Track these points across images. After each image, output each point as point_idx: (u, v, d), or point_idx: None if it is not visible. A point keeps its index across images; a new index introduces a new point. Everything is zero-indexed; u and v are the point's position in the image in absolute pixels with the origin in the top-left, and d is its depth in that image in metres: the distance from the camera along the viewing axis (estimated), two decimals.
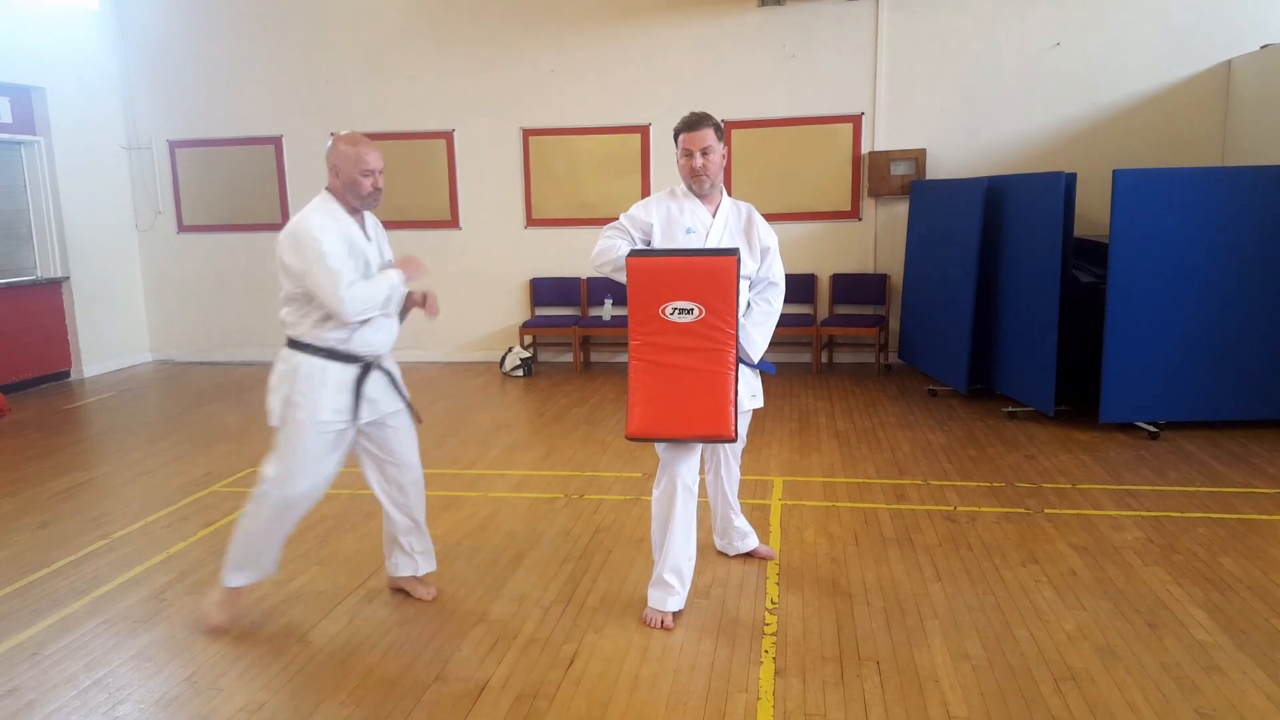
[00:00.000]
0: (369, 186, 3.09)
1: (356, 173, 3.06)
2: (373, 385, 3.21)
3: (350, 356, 3.13)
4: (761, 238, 3.34)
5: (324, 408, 3.10)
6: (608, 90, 8.08)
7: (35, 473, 5.29)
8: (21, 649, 3.16)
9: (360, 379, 3.16)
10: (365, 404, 3.19)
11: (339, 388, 3.12)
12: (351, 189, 3.09)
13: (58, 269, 8.13)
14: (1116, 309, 5.36)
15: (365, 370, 3.17)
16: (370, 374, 3.19)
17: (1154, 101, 7.27)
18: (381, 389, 3.25)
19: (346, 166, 3.06)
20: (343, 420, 3.14)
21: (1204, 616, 3.17)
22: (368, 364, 3.18)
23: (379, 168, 3.10)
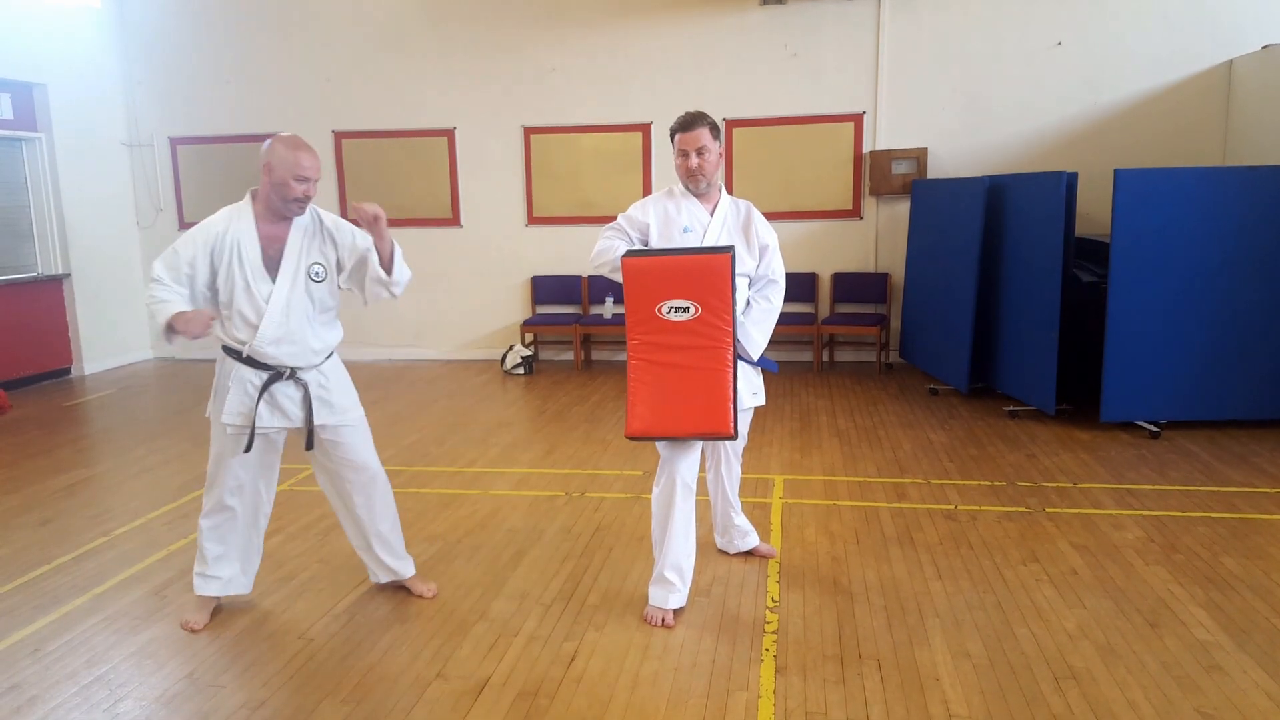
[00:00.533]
0: (299, 192, 3.01)
1: (290, 176, 2.98)
2: (282, 394, 3.13)
3: (255, 363, 3.10)
4: (760, 235, 3.33)
5: (227, 409, 3.11)
6: (609, 88, 8.08)
7: (36, 469, 5.29)
8: (23, 645, 3.16)
9: (266, 386, 3.11)
10: (275, 413, 3.13)
11: (243, 390, 3.10)
12: (280, 191, 3.01)
13: (59, 266, 8.13)
14: (1118, 308, 5.36)
15: (274, 378, 3.11)
16: (279, 383, 3.12)
17: (1155, 101, 7.27)
18: (294, 401, 3.15)
19: (282, 168, 2.98)
20: (242, 422, 3.10)
21: (1205, 616, 3.16)
22: (278, 373, 3.12)
23: (315, 176, 3.02)
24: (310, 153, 3.03)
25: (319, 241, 3.17)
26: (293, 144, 3.02)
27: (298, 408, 3.16)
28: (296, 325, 3.10)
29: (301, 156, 3.00)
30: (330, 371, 3.24)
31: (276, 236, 3.10)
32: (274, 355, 3.09)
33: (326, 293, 3.18)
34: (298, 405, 3.15)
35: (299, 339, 3.11)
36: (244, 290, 3.05)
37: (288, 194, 3.01)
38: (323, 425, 3.20)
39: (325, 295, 3.18)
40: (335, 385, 3.25)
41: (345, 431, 3.25)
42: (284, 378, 3.13)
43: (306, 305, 3.12)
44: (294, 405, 3.15)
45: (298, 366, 3.14)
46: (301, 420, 3.16)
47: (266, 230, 3.09)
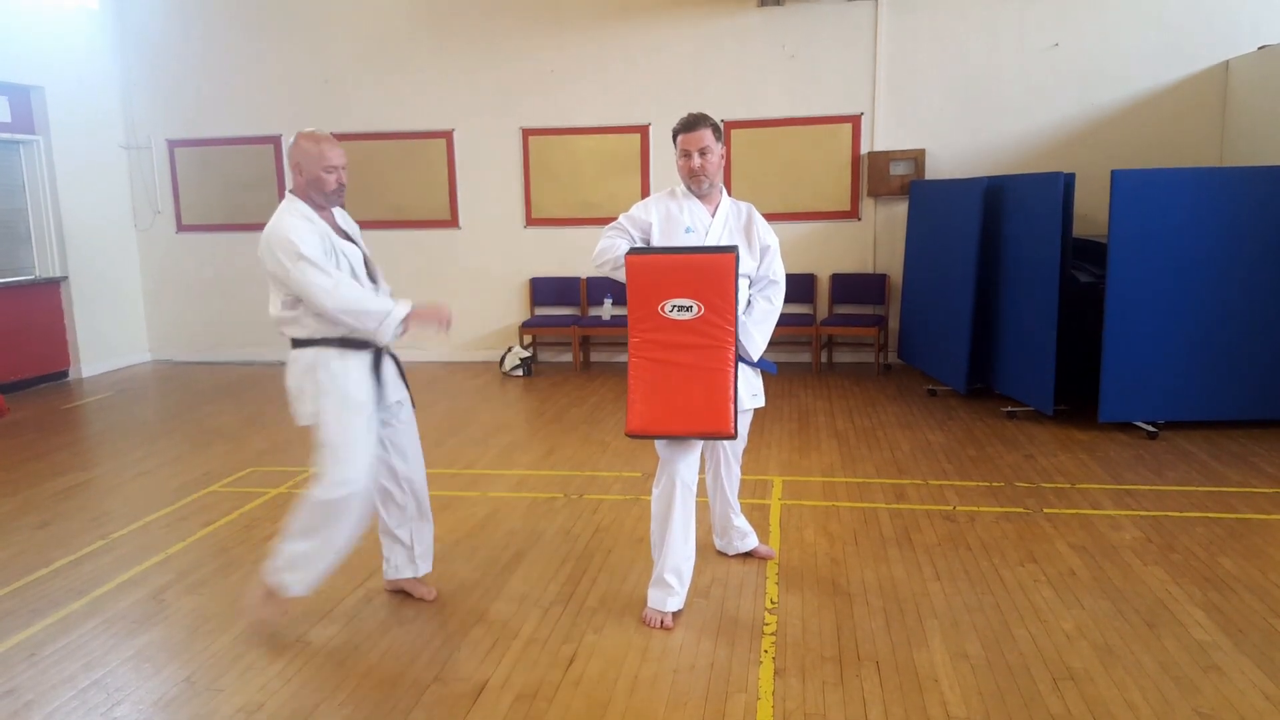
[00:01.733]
0: (333, 183, 3.08)
1: (320, 169, 3.06)
2: (387, 370, 3.23)
3: (361, 344, 3.13)
4: (761, 236, 3.34)
5: (352, 392, 3.09)
6: (608, 90, 8.08)
7: (34, 472, 5.29)
8: (20, 649, 3.16)
9: (376, 364, 3.18)
10: (386, 388, 3.21)
11: (362, 373, 3.13)
12: (315, 186, 3.08)
13: (56, 268, 8.13)
14: (1115, 309, 5.37)
15: (378, 356, 3.19)
16: (383, 359, 3.22)
17: (1152, 102, 7.28)
18: (394, 375, 3.27)
19: (310, 164, 3.06)
20: (370, 400, 3.14)
21: (1203, 616, 3.17)
22: (379, 350, 3.19)
23: (342, 164, 3.10)
24: (332, 143, 3.11)
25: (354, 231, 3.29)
26: (314, 138, 3.09)
27: (397, 381, 3.27)
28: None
29: (325, 149, 3.08)
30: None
31: (331, 222, 3.18)
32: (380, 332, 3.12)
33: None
34: (394, 378, 3.26)
35: None
36: (350, 273, 3.10)
37: (324, 187, 3.09)
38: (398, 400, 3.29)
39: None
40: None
41: (404, 407, 3.35)
42: (385, 354, 3.22)
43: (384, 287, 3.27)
44: (393, 379, 3.25)
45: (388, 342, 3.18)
46: (398, 391, 3.27)
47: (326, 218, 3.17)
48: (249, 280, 8.70)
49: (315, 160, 3.06)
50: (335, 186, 3.09)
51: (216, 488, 4.90)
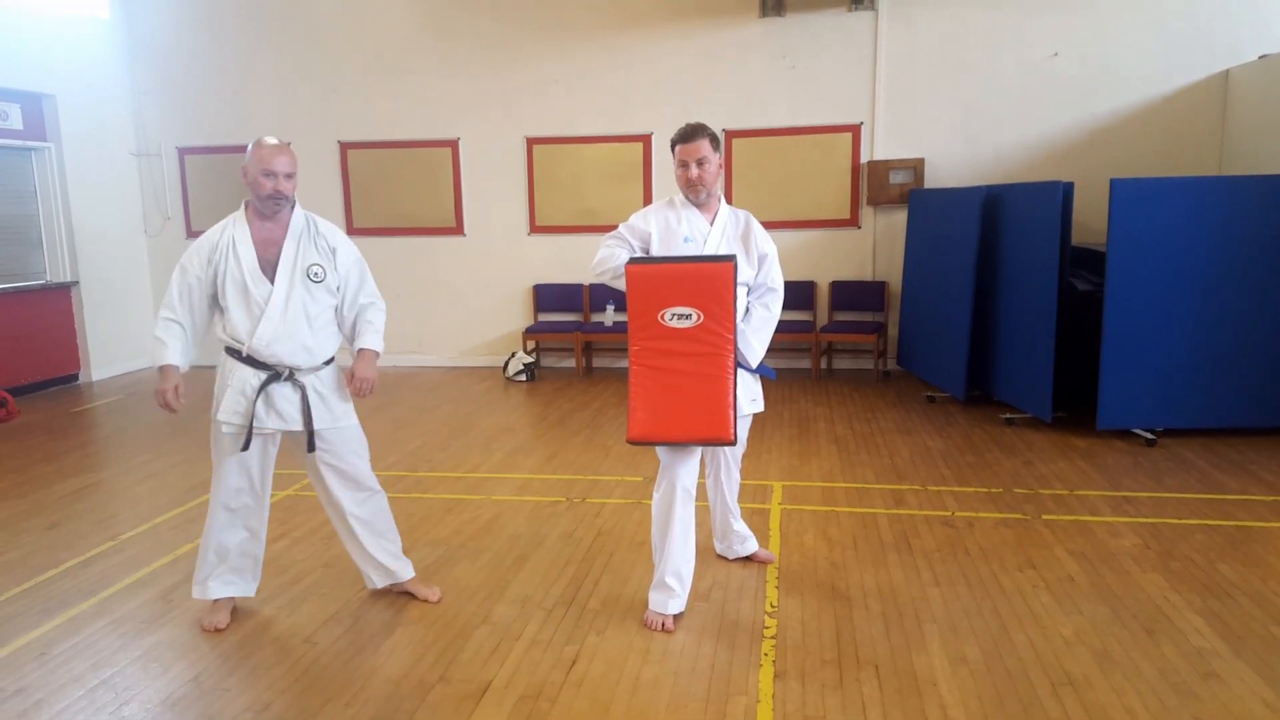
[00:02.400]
0: (268, 188, 3.09)
1: (259, 173, 3.09)
2: (280, 395, 3.18)
3: (254, 362, 3.16)
4: (759, 245, 3.38)
5: (224, 407, 3.17)
6: (610, 99, 8.14)
7: (44, 475, 5.34)
8: (30, 648, 3.20)
9: (264, 386, 3.16)
10: (271, 413, 3.19)
11: (240, 390, 3.16)
12: (253, 189, 3.13)
13: (67, 274, 8.19)
14: (1114, 316, 5.40)
15: (273, 378, 3.17)
16: (276, 383, 3.17)
17: (1152, 111, 7.32)
18: (292, 403, 3.20)
19: (252, 167, 3.11)
20: (239, 421, 3.16)
21: (1201, 623, 3.19)
22: (276, 373, 3.17)
23: (285, 171, 3.11)
24: (279, 150, 3.12)
25: (315, 243, 3.23)
26: (263, 143, 3.13)
27: (295, 409, 3.20)
28: (294, 325, 3.15)
29: (267, 153, 3.10)
30: (327, 377, 3.30)
31: (273, 240, 3.17)
32: (272, 355, 3.14)
33: (326, 292, 3.23)
34: (295, 407, 3.20)
35: (297, 338, 3.16)
36: (241, 290, 3.12)
37: (260, 190, 3.11)
38: (319, 430, 3.24)
39: (326, 295, 3.23)
40: (331, 390, 3.30)
41: (339, 435, 3.30)
42: (282, 379, 3.18)
43: (306, 305, 3.18)
44: (291, 407, 3.20)
45: (296, 367, 3.19)
46: (298, 422, 3.21)
47: (262, 234, 3.17)
48: None
49: (257, 162, 3.09)
50: (269, 192, 3.09)
51: None
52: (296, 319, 3.15)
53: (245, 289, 3.12)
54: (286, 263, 3.15)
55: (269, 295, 3.12)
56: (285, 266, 3.15)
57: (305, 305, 3.17)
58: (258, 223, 3.17)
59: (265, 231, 3.17)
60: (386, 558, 3.48)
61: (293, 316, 3.14)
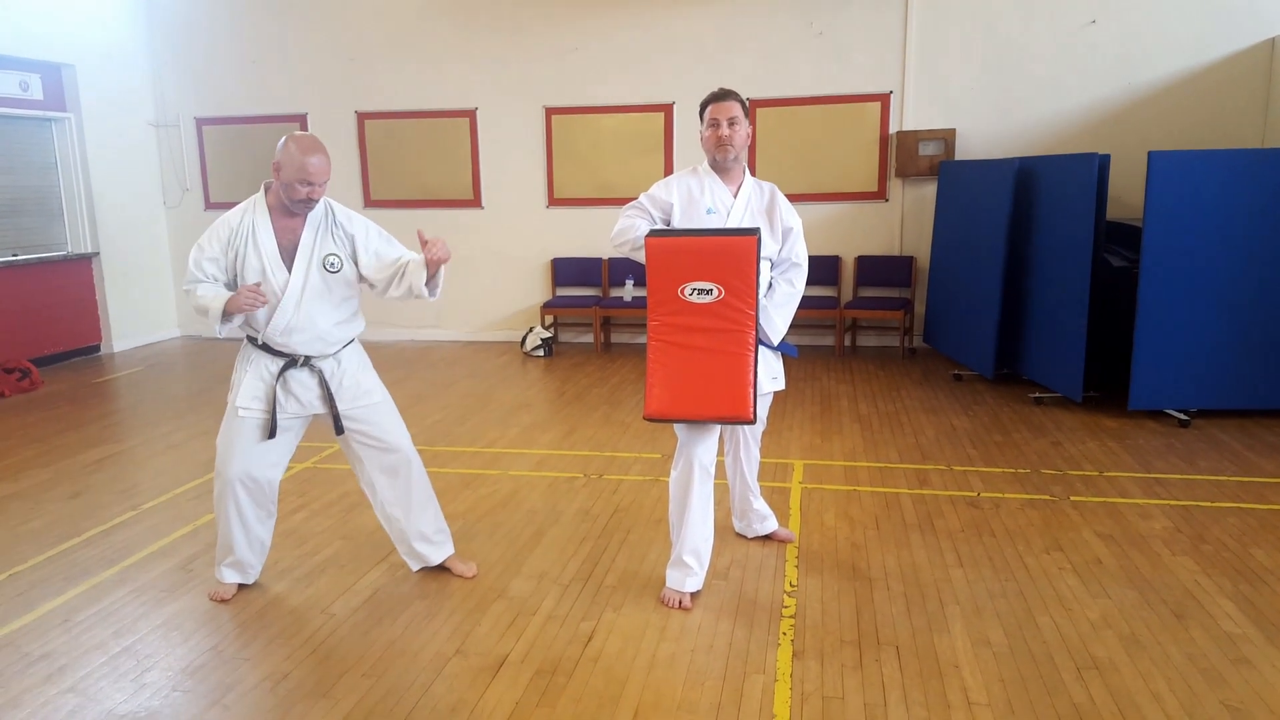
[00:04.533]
0: (303, 195, 3.04)
1: (295, 178, 3.01)
2: (296, 381, 3.18)
3: (271, 350, 3.15)
4: (784, 218, 3.29)
5: (243, 394, 3.14)
6: (631, 68, 8.02)
7: (66, 444, 5.38)
8: (54, 615, 3.23)
9: (281, 373, 3.15)
10: (289, 399, 3.18)
11: (259, 377, 3.15)
12: (286, 191, 3.06)
13: (88, 245, 8.23)
14: (1149, 294, 5.28)
15: (288, 365, 3.16)
16: (293, 369, 3.16)
17: (1193, 80, 7.11)
18: (308, 388, 3.20)
19: (289, 170, 3.01)
20: (260, 410, 3.14)
21: (1233, 608, 3.12)
22: (291, 359, 3.17)
23: (320, 181, 3.04)
24: (320, 156, 3.03)
25: (332, 233, 3.20)
26: (303, 146, 3.02)
27: (313, 395, 3.20)
28: (310, 315, 3.13)
29: (309, 161, 3.00)
30: (347, 358, 3.27)
31: (291, 228, 3.14)
32: (286, 344, 3.14)
33: (343, 283, 3.20)
34: (313, 393, 3.20)
35: (312, 328, 3.14)
36: (259, 278, 3.10)
37: (293, 195, 3.06)
38: (346, 409, 3.23)
39: (342, 286, 3.20)
40: (353, 370, 3.27)
41: (368, 411, 3.27)
42: (298, 365, 3.17)
43: (323, 295, 3.15)
44: (308, 392, 3.20)
45: (311, 355, 3.18)
46: (318, 407, 3.21)
47: (281, 222, 3.14)
48: None
49: (296, 169, 3.00)
50: (303, 198, 3.05)
51: None
52: (312, 309, 3.13)
53: (264, 277, 3.10)
54: (304, 251, 3.13)
55: (285, 283, 3.10)
56: (303, 255, 3.13)
57: (321, 295, 3.15)
58: (279, 211, 3.13)
59: (286, 220, 3.15)
60: (433, 531, 3.45)
61: (308, 306, 3.13)
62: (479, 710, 2.61)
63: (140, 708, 2.66)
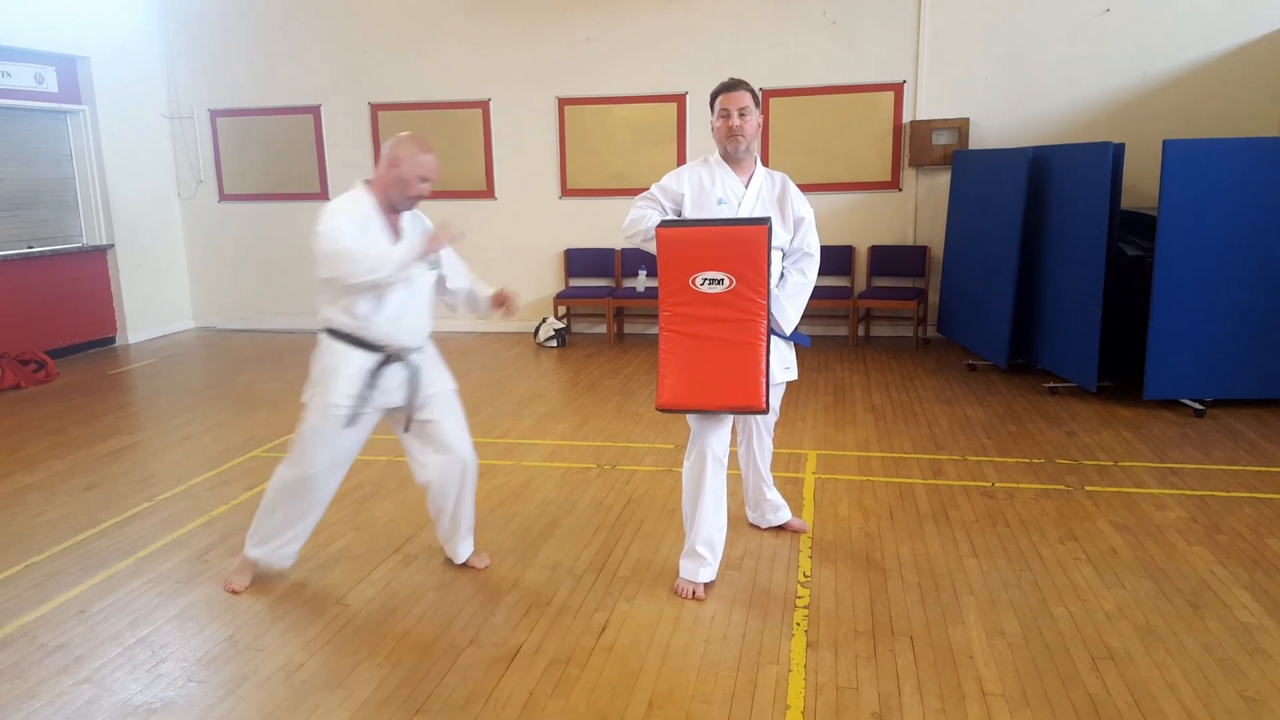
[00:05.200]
0: (422, 191, 3.10)
1: (416, 175, 3.07)
2: (390, 377, 3.19)
3: (369, 345, 3.15)
4: (796, 208, 3.28)
5: (335, 390, 3.13)
6: (644, 59, 7.99)
7: (82, 436, 5.42)
8: (70, 606, 3.25)
9: (378, 369, 3.16)
10: (378, 393, 3.18)
11: (353, 374, 3.14)
12: (401, 186, 3.08)
13: (103, 237, 8.27)
14: (1164, 283, 5.23)
15: (386, 361, 3.17)
16: (389, 366, 3.18)
17: (1208, 69, 7.03)
18: (400, 381, 3.22)
19: (409, 165, 3.06)
20: (349, 405, 3.14)
21: (1248, 598, 3.10)
22: (389, 355, 3.18)
23: (435, 178, 3.14)
24: (434, 154, 3.14)
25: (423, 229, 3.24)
26: (421, 145, 3.11)
27: (401, 387, 3.22)
28: (412, 307, 3.18)
29: (429, 159, 3.10)
30: (429, 352, 3.34)
31: (393, 224, 3.18)
32: (389, 336, 3.14)
33: (433, 282, 3.27)
34: (401, 384, 3.22)
35: (414, 320, 3.20)
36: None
37: (409, 190, 3.09)
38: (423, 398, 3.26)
39: (433, 284, 3.28)
40: (432, 360, 3.34)
41: (441, 399, 3.31)
42: (395, 360, 3.19)
43: (423, 290, 3.22)
44: (397, 385, 3.21)
45: (408, 347, 3.21)
46: (398, 399, 3.23)
47: (387, 220, 3.16)
48: (290, 249, 8.80)
49: (417, 166, 3.06)
50: (418, 195, 3.11)
51: (258, 453, 4.99)
52: (414, 301, 3.18)
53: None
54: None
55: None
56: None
57: (422, 290, 3.22)
58: (385, 208, 3.15)
59: (389, 220, 3.17)
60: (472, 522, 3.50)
61: (414, 299, 3.18)
62: (493, 700, 2.61)
63: (156, 698, 2.68)
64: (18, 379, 6.72)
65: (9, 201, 7.54)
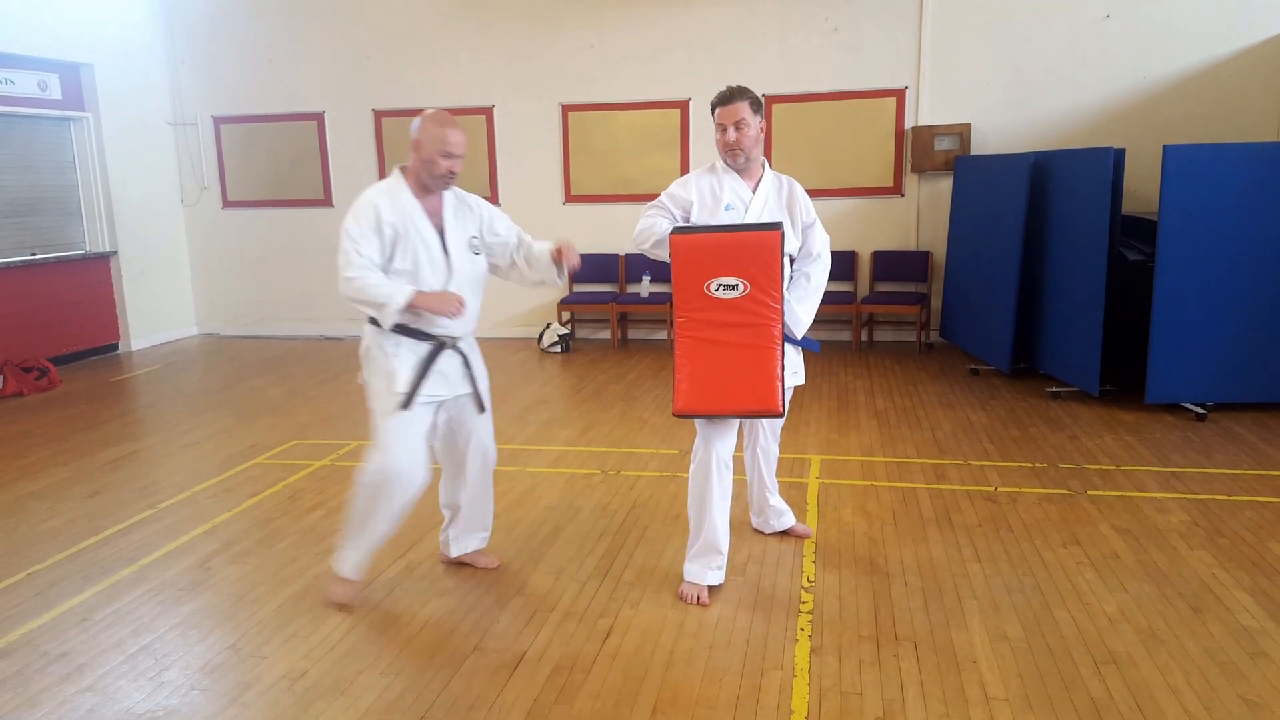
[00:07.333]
0: (445, 169, 3.08)
1: (437, 152, 3.05)
2: (446, 363, 3.20)
3: (419, 334, 3.15)
4: (804, 212, 3.30)
5: (399, 379, 3.11)
6: (647, 65, 8.01)
7: (85, 443, 5.43)
8: (72, 614, 3.25)
9: (432, 356, 3.16)
10: (440, 380, 3.19)
11: (409, 364, 3.14)
12: (427, 168, 3.08)
13: (106, 243, 8.30)
14: (1165, 287, 5.24)
15: (439, 349, 3.18)
16: (443, 353, 3.19)
17: (1208, 74, 7.04)
18: (456, 368, 3.24)
19: (430, 145, 3.05)
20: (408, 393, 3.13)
21: (1250, 602, 3.10)
22: (441, 343, 3.18)
23: (461, 154, 3.09)
24: (458, 129, 3.09)
25: (467, 216, 3.26)
26: (440, 120, 3.09)
27: (460, 376, 3.25)
28: (465, 295, 3.17)
29: (449, 133, 3.06)
30: (473, 342, 3.36)
31: (434, 211, 3.18)
32: (442, 325, 3.14)
33: (481, 265, 3.29)
34: (459, 373, 3.25)
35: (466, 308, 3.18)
36: (428, 262, 3.11)
37: (435, 170, 3.08)
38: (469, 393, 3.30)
39: (481, 267, 3.29)
40: (476, 353, 3.38)
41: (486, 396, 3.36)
42: (447, 348, 3.20)
43: (470, 276, 3.23)
44: (456, 373, 3.24)
45: (458, 336, 3.22)
46: (463, 386, 3.26)
47: (425, 206, 3.16)
48: (293, 255, 8.83)
49: (437, 142, 3.04)
50: (444, 172, 3.08)
51: (262, 460, 4.99)
52: (464, 289, 3.18)
53: (431, 260, 3.11)
54: (453, 233, 3.18)
55: (447, 265, 3.15)
56: (454, 236, 3.18)
57: (469, 277, 3.22)
58: (420, 193, 3.15)
59: (427, 203, 3.17)
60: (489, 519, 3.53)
61: (463, 286, 3.18)
62: (497, 707, 2.62)
63: (158, 706, 2.68)
64: (20, 386, 6.73)
65: (12, 208, 7.57)
